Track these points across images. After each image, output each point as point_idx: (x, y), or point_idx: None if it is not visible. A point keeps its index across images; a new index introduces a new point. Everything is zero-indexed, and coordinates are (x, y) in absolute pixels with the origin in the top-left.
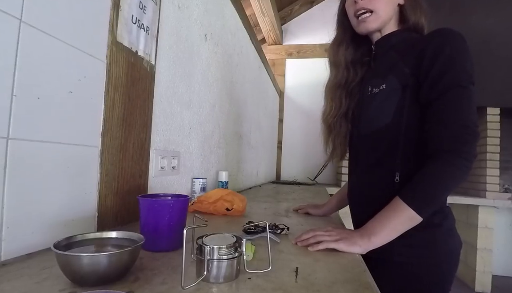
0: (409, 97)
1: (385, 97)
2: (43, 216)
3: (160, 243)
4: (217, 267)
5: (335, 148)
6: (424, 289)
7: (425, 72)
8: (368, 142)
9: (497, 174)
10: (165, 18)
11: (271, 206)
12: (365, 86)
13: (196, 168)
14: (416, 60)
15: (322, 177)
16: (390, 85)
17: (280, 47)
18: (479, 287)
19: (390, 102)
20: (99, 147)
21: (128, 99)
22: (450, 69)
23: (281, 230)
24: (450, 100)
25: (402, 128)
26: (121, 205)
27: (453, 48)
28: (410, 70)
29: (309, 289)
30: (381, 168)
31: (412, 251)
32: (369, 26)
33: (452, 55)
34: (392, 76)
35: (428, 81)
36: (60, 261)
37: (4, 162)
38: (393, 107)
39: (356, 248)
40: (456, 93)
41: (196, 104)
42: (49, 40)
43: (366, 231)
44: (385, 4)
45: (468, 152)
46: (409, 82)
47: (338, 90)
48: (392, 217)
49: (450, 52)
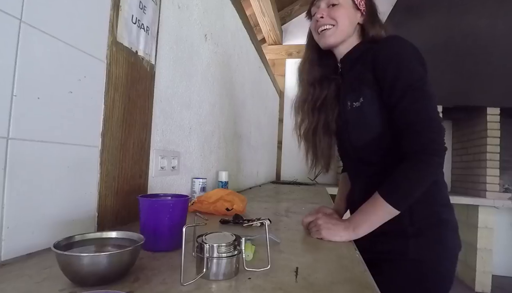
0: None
1: (367, 109)
2: (43, 216)
3: (160, 243)
4: (216, 265)
5: (318, 158)
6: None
7: (382, 81)
8: (363, 154)
9: (497, 174)
10: (165, 18)
11: (271, 206)
12: (343, 102)
13: (196, 168)
14: (373, 69)
15: (322, 177)
16: (367, 97)
17: (280, 47)
18: (479, 287)
19: (374, 112)
20: (99, 147)
21: (128, 99)
22: (400, 74)
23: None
24: (409, 103)
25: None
26: (121, 205)
27: (399, 55)
28: (373, 77)
29: (309, 289)
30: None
31: (424, 249)
32: (329, 40)
33: (400, 61)
34: (365, 87)
35: (386, 89)
36: (60, 261)
37: (4, 162)
38: (379, 115)
39: (337, 238)
40: (412, 96)
41: (196, 104)
42: (49, 40)
43: (350, 224)
44: (344, 17)
45: (437, 149)
46: (378, 89)
47: (305, 105)
48: (372, 212)
49: (398, 59)
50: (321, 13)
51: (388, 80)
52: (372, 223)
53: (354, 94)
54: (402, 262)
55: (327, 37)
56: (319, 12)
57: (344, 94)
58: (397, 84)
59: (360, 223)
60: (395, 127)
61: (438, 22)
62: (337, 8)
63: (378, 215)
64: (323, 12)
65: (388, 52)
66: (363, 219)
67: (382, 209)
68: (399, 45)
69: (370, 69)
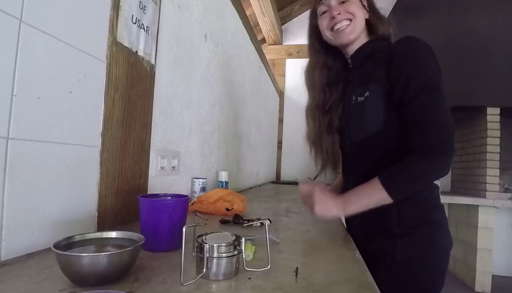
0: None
1: (371, 104)
2: (43, 216)
3: (160, 243)
4: (216, 265)
5: (325, 161)
6: (422, 284)
7: (395, 79)
8: (362, 150)
9: (497, 174)
10: (165, 18)
11: (271, 206)
12: (349, 97)
13: (196, 168)
14: (388, 67)
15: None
16: (374, 92)
17: (280, 47)
18: (479, 287)
19: (377, 108)
20: (99, 147)
21: (128, 99)
22: (416, 72)
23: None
24: (424, 102)
25: (395, 132)
26: (121, 205)
27: (417, 53)
28: (386, 75)
29: (309, 289)
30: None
31: (414, 248)
32: (349, 37)
33: (417, 60)
34: (374, 83)
35: (399, 87)
36: (60, 261)
37: (4, 162)
38: (382, 112)
39: (329, 215)
40: (428, 94)
41: (196, 104)
42: (49, 40)
43: (343, 201)
44: (360, 11)
45: (447, 149)
46: (388, 88)
47: (316, 111)
48: (367, 193)
49: (414, 59)
50: (338, 10)
51: (403, 77)
52: (363, 204)
53: (361, 89)
54: (390, 263)
55: (347, 34)
56: (334, 9)
57: (351, 89)
58: (413, 81)
59: (351, 201)
60: (402, 126)
61: (438, 22)
62: (350, 4)
63: (371, 198)
64: (339, 9)
65: (405, 50)
66: (355, 199)
67: (376, 193)
68: (416, 44)
69: (383, 66)
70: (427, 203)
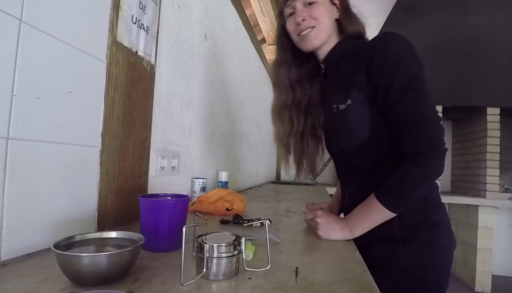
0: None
1: (355, 112)
2: (43, 216)
3: (160, 243)
4: (216, 265)
5: (300, 167)
6: (427, 287)
7: (376, 80)
8: (353, 158)
9: (497, 174)
10: (165, 18)
11: (271, 206)
12: (329, 104)
13: (196, 168)
14: (367, 67)
15: (322, 177)
16: (356, 100)
17: None
18: (479, 287)
19: (362, 116)
20: (99, 147)
21: (128, 99)
22: (397, 73)
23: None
24: (408, 103)
25: (384, 138)
26: (121, 205)
27: (396, 52)
28: (365, 78)
29: (309, 289)
30: (373, 180)
31: (417, 252)
32: (313, 43)
33: (396, 60)
34: (354, 90)
35: (381, 89)
36: (60, 261)
37: (4, 162)
38: (368, 120)
39: (334, 237)
40: (411, 96)
41: (196, 104)
42: (49, 40)
43: (347, 225)
44: (325, 15)
45: (438, 151)
46: (370, 92)
47: (286, 110)
48: (369, 215)
49: (394, 57)
50: (301, 16)
51: (383, 80)
52: (369, 225)
53: (341, 96)
54: (394, 269)
55: (311, 40)
56: (298, 14)
57: (330, 96)
58: (394, 84)
59: (356, 224)
60: (391, 129)
61: (438, 22)
62: (315, 7)
63: (374, 218)
64: (303, 14)
65: (383, 51)
66: (359, 220)
67: (378, 212)
68: (394, 42)
69: (361, 69)
70: (427, 204)
